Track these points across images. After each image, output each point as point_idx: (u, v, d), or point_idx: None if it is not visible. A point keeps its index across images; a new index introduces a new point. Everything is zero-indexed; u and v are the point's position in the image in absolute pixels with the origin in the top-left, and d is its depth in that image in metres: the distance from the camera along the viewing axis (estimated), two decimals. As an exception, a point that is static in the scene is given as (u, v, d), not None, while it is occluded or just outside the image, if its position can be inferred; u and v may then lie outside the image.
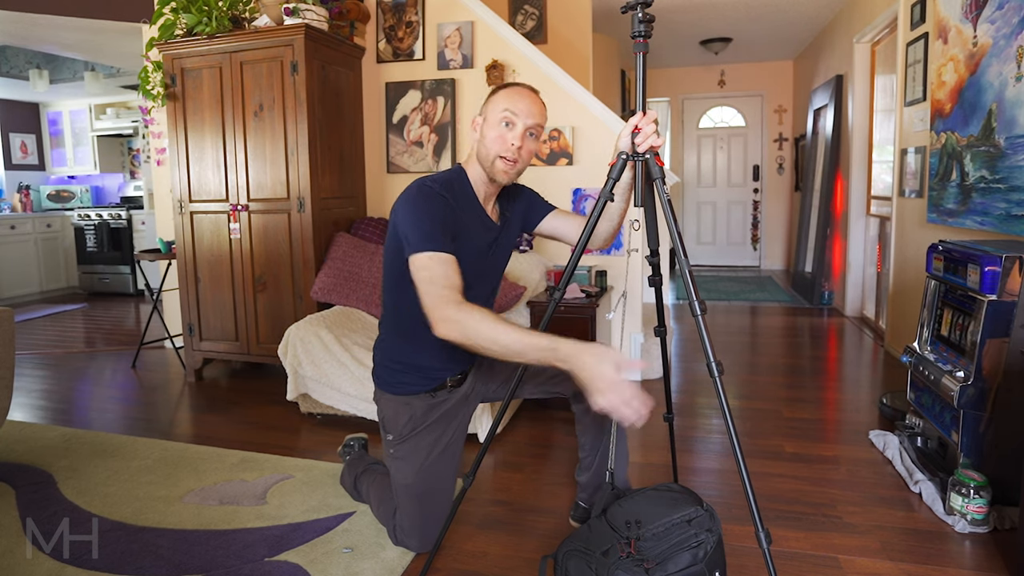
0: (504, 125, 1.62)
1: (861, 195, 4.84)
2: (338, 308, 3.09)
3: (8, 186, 6.83)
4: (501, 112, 1.62)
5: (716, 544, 1.42)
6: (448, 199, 1.61)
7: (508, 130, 1.62)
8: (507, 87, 1.68)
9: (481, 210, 1.72)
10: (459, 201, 1.65)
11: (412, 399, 1.79)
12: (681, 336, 4.44)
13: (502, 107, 1.63)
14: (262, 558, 1.81)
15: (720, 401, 1.32)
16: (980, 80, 2.74)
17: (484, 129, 1.66)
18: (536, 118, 1.64)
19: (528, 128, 1.63)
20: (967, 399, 1.97)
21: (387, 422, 1.82)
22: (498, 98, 1.65)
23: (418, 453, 1.78)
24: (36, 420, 3.02)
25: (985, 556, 1.79)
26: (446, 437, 1.82)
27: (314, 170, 3.25)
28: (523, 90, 1.66)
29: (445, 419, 1.82)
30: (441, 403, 1.81)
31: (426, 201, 1.58)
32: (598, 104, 3.44)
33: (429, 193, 1.59)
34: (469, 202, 1.69)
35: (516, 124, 1.62)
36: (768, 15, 5.60)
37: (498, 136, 1.63)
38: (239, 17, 3.36)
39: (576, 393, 1.81)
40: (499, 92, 1.67)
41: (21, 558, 1.83)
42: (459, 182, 1.69)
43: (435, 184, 1.62)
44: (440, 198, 1.59)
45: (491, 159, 1.64)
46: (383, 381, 1.83)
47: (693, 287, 1.40)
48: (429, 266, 1.50)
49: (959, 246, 2.18)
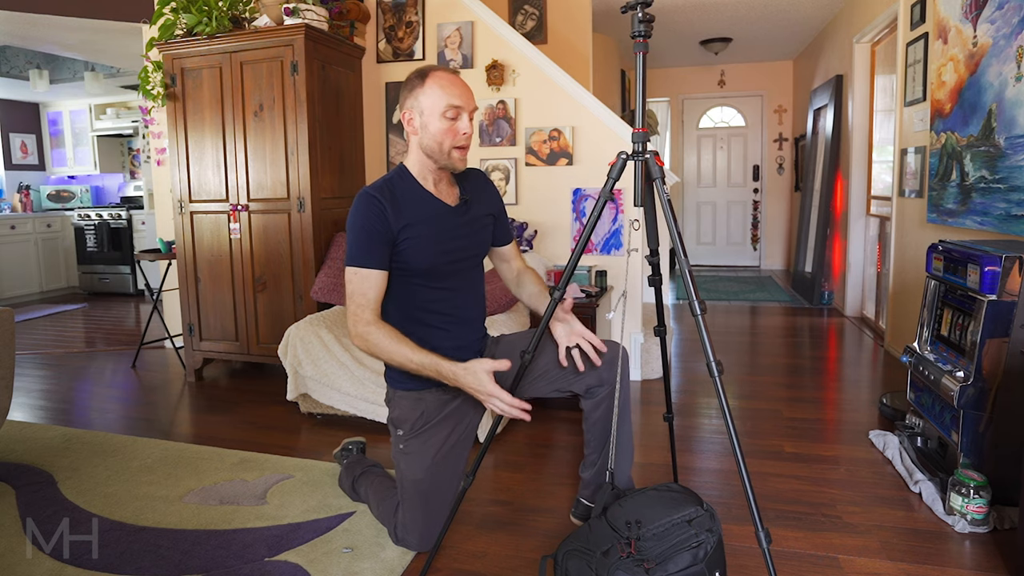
0: (451, 119, 1.66)
1: (861, 195, 4.85)
2: (338, 308, 3.09)
3: (8, 186, 6.84)
4: (444, 108, 1.65)
5: (716, 544, 1.42)
6: (381, 201, 1.67)
7: (456, 121, 1.67)
8: (432, 76, 1.67)
9: (430, 196, 1.75)
10: (399, 196, 1.70)
11: (424, 393, 1.80)
12: (681, 336, 4.44)
13: (444, 102, 1.65)
14: (262, 558, 1.81)
15: (720, 401, 1.33)
16: (980, 80, 2.74)
17: (426, 122, 1.68)
18: (473, 101, 1.71)
19: (471, 113, 1.70)
20: (967, 399, 1.97)
21: (399, 419, 1.82)
22: (432, 90, 1.66)
23: (428, 449, 1.78)
24: (36, 420, 3.02)
25: (985, 556, 1.79)
26: (456, 435, 1.83)
27: (314, 170, 3.25)
28: (454, 77, 1.70)
29: (456, 416, 1.83)
30: (453, 398, 1.81)
31: (362, 212, 1.67)
32: (598, 104, 3.44)
33: (365, 200, 1.68)
34: (415, 193, 1.74)
35: (462, 114, 1.67)
36: (768, 15, 5.60)
37: (448, 129, 1.67)
38: (239, 17, 3.36)
39: (588, 388, 1.82)
40: (428, 83, 1.67)
41: (21, 558, 1.83)
42: (399, 178, 1.75)
43: (372, 189, 1.70)
44: (375, 203, 1.67)
45: (446, 151, 1.69)
46: (395, 379, 1.83)
47: (693, 287, 1.40)
48: (352, 280, 1.67)
49: (959, 246, 2.18)
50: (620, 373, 1.79)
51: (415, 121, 1.71)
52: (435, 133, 1.67)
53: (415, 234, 1.69)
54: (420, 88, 1.68)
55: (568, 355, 1.79)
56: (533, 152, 3.53)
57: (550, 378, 1.85)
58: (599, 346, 1.77)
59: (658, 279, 1.77)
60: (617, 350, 1.82)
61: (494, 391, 1.55)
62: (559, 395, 1.89)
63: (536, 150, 3.53)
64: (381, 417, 2.72)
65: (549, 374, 1.84)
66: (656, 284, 1.78)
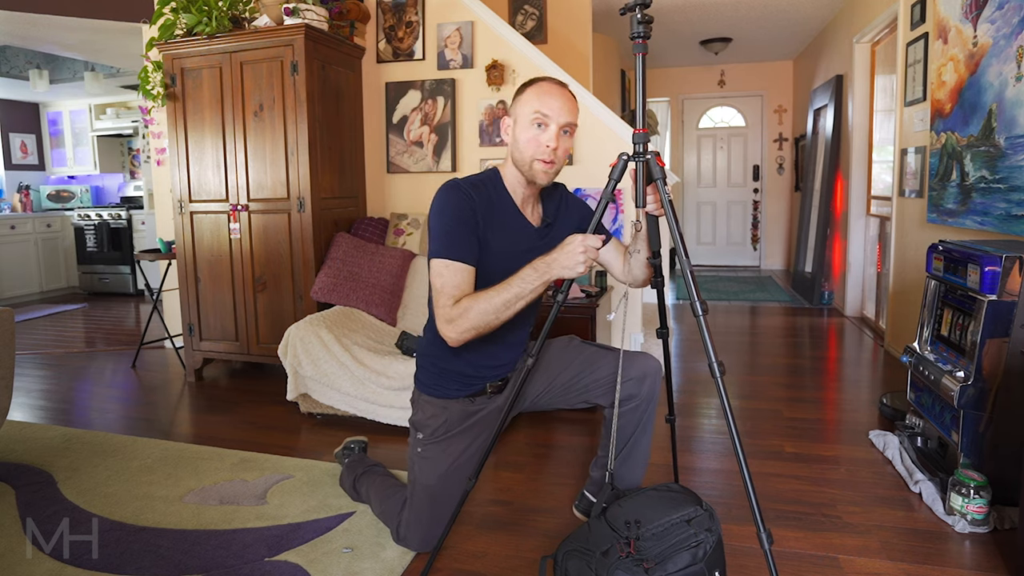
0: (537, 127, 1.58)
1: (861, 195, 4.85)
2: (338, 308, 3.09)
3: (8, 186, 6.83)
4: (532, 114, 1.57)
5: (716, 544, 1.42)
6: (474, 198, 1.59)
7: (542, 131, 1.58)
8: (534, 84, 1.61)
9: (516, 211, 1.68)
10: (490, 201, 1.63)
11: (450, 403, 1.78)
12: (681, 336, 4.44)
13: (533, 108, 1.57)
14: (262, 558, 1.81)
15: (722, 401, 1.32)
16: (980, 80, 2.74)
17: (516, 132, 1.62)
18: (568, 116, 1.59)
19: (561, 127, 1.58)
20: (967, 399, 1.97)
21: (420, 423, 1.81)
22: (527, 98, 1.59)
23: (446, 457, 1.78)
24: (36, 420, 3.02)
25: (985, 556, 1.79)
26: (475, 446, 1.81)
27: (314, 170, 3.25)
28: (552, 86, 1.60)
29: (477, 428, 1.81)
30: (478, 411, 1.80)
31: (453, 202, 1.58)
32: (598, 104, 3.44)
33: (456, 191, 1.59)
34: (503, 203, 1.66)
35: (549, 125, 1.57)
36: (768, 15, 5.60)
37: (532, 138, 1.58)
38: (239, 17, 3.36)
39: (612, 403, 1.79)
40: (527, 91, 1.61)
41: (21, 558, 1.83)
42: (492, 183, 1.67)
43: (464, 183, 1.62)
44: (466, 195, 1.59)
45: (528, 162, 1.60)
46: (423, 384, 1.82)
47: (695, 287, 1.40)
48: (443, 273, 1.54)
49: (959, 246, 2.18)
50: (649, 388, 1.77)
51: (510, 129, 1.64)
52: (520, 141, 1.60)
53: (493, 244, 1.60)
54: (521, 95, 1.62)
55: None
56: (533, 152, 3.53)
57: (578, 389, 1.83)
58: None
59: (660, 280, 1.77)
60: (653, 366, 1.79)
61: (582, 239, 1.44)
62: (587, 405, 1.88)
63: (536, 150, 3.52)
64: (381, 417, 2.72)
65: (575, 386, 1.83)
66: (658, 285, 1.78)
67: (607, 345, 1.92)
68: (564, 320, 2.96)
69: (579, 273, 1.46)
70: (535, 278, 1.48)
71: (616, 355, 1.79)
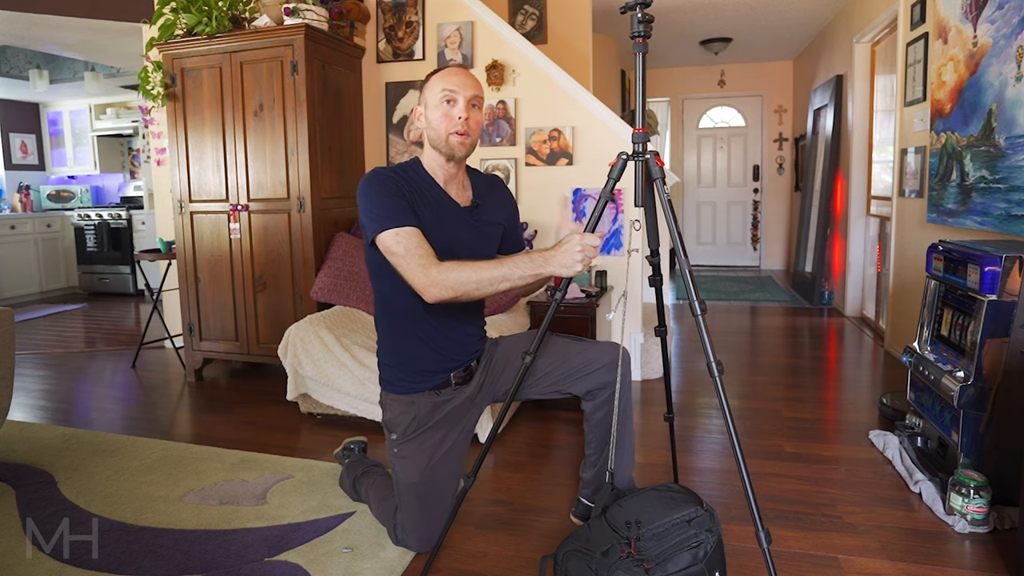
0: (447, 103, 1.67)
1: (861, 195, 4.84)
2: (338, 308, 3.09)
3: (8, 186, 6.83)
4: (440, 92, 1.67)
5: (716, 544, 1.42)
6: (398, 179, 1.67)
7: (451, 107, 1.67)
8: (437, 71, 1.73)
9: (441, 192, 1.74)
10: (414, 183, 1.70)
11: (416, 397, 1.79)
12: (681, 336, 4.44)
13: (440, 88, 1.67)
14: (262, 558, 1.81)
15: (720, 401, 1.33)
16: (980, 80, 2.74)
17: (428, 115, 1.71)
18: (474, 89, 1.69)
19: (469, 100, 1.67)
20: (967, 399, 1.97)
21: (391, 422, 1.82)
22: (433, 82, 1.70)
23: (422, 453, 1.78)
24: (36, 420, 3.02)
25: (985, 556, 1.79)
26: (451, 438, 1.82)
27: (314, 170, 3.25)
28: (454, 67, 1.73)
29: (450, 420, 1.82)
30: (446, 402, 1.81)
31: (379, 183, 1.64)
32: (598, 104, 3.44)
33: (379, 176, 1.67)
34: (427, 185, 1.73)
35: (458, 99, 1.66)
36: (768, 15, 5.60)
37: (444, 115, 1.67)
38: (239, 17, 3.36)
39: (589, 391, 1.82)
40: (431, 78, 1.72)
41: (21, 558, 1.83)
42: (413, 169, 1.75)
43: (385, 169, 1.70)
44: (390, 178, 1.66)
45: (444, 138, 1.68)
46: (387, 382, 1.83)
47: (693, 287, 1.40)
48: (398, 240, 1.58)
49: (959, 246, 2.18)
50: (620, 375, 1.79)
51: (422, 116, 1.73)
52: (433, 121, 1.69)
53: (425, 219, 1.65)
54: (426, 83, 1.73)
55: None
56: (533, 152, 3.53)
57: (552, 379, 1.85)
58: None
59: (658, 279, 1.77)
60: (617, 351, 1.82)
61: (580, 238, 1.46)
62: (559, 396, 1.89)
63: (536, 150, 3.53)
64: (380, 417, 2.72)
65: (551, 375, 1.84)
66: (657, 284, 1.79)
67: (577, 337, 1.94)
68: (564, 319, 2.96)
69: (576, 272, 1.48)
70: (529, 267, 1.51)
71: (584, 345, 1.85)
